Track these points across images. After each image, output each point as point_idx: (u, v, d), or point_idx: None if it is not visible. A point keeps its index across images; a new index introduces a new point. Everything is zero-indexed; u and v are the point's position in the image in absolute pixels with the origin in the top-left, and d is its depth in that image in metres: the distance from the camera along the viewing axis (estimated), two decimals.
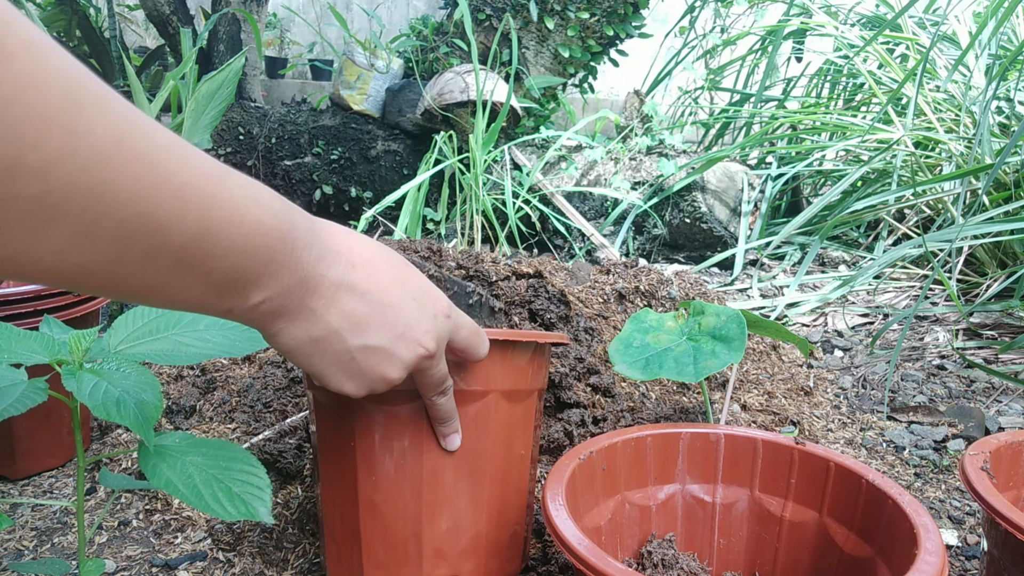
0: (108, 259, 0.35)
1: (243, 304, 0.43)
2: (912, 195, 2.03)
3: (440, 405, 0.59)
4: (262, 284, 0.43)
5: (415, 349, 0.52)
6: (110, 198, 0.33)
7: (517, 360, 0.66)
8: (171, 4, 2.71)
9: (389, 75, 2.68)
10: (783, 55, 3.05)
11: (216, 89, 1.70)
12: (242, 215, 0.39)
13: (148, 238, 0.35)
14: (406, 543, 0.63)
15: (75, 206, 0.32)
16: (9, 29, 0.29)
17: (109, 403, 0.49)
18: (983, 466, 0.66)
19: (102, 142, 0.32)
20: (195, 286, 0.39)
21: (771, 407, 1.19)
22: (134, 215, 0.34)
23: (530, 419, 0.70)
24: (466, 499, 0.64)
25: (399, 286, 0.51)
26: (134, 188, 0.34)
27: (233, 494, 0.51)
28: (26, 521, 0.86)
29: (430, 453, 0.62)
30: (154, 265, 0.37)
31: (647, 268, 1.44)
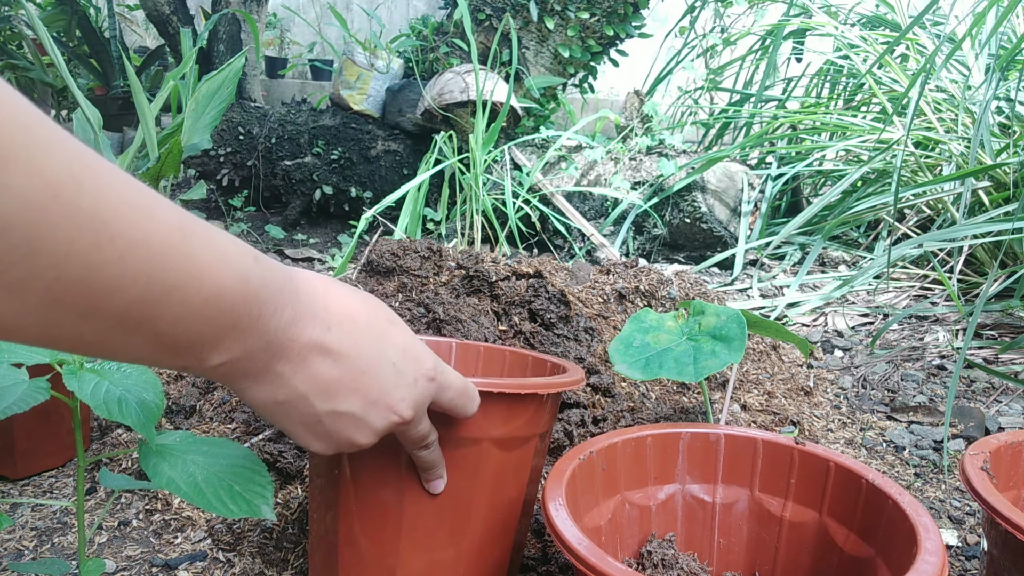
0: (39, 318, 0.32)
1: (199, 366, 0.40)
2: (912, 195, 2.03)
3: (423, 457, 0.58)
4: (222, 348, 0.40)
5: (388, 416, 0.49)
6: (39, 257, 0.30)
7: (512, 410, 0.63)
8: (171, 4, 2.71)
9: (389, 75, 2.68)
10: (783, 55, 3.05)
11: (216, 89, 1.70)
12: (202, 277, 0.36)
13: (86, 300, 0.33)
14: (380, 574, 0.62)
15: (13, 265, 0.30)
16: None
17: (111, 402, 0.49)
18: (983, 466, 0.66)
19: (33, 196, 0.29)
20: (142, 347, 0.37)
21: (771, 407, 1.19)
22: (68, 276, 0.31)
23: (526, 463, 0.67)
24: (446, 541, 0.63)
25: (378, 349, 0.48)
26: (68, 248, 0.31)
27: (235, 492, 0.51)
28: (26, 521, 0.86)
29: (413, 492, 0.61)
30: (92, 326, 0.34)
31: (647, 268, 1.44)
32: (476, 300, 1.17)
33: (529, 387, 0.62)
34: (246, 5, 2.72)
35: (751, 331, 0.89)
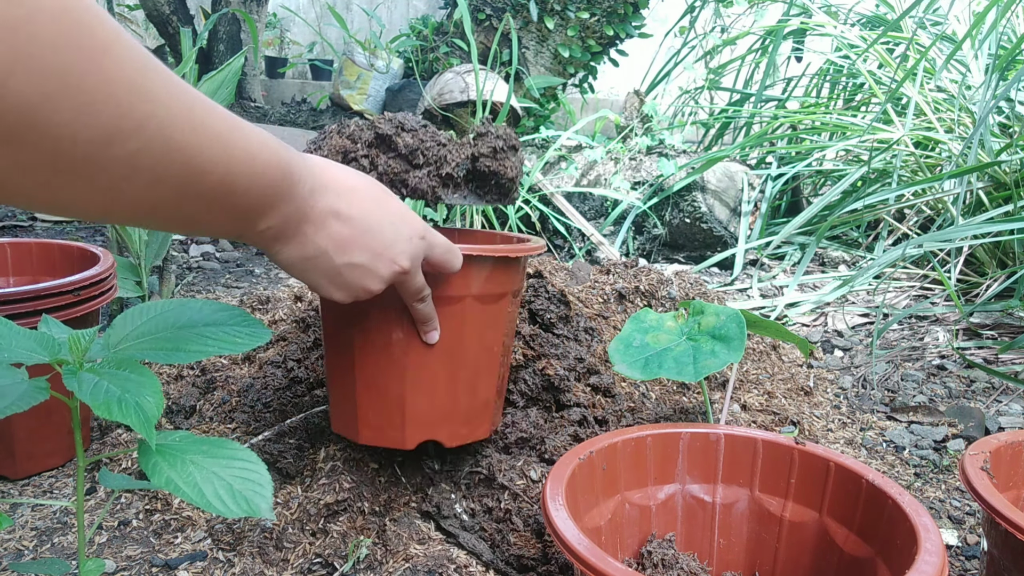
0: (168, 201, 0.42)
1: (252, 230, 0.51)
2: (912, 195, 2.03)
3: (419, 309, 0.71)
4: (268, 214, 0.51)
5: (391, 266, 0.62)
6: (177, 151, 0.40)
7: (487, 270, 0.77)
8: (171, 4, 2.71)
9: (389, 75, 2.68)
10: (783, 55, 3.04)
11: (216, 89, 1.70)
12: (254, 157, 0.46)
13: (196, 182, 0.43)
14: (392, 413, 0.79)
15: (154, 160, 0.39)
16: (102, 24, 0.35)
17: (111, 402, 0.49)
18: (983, 466, 0.66)
19: (175, 108, 0.40)
20: (221, 218, 0.47)
21: (771, 407, 1.19)
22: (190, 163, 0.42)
23: (501, 316, 0.82)
24: (443, 381, 0.79)
25: (379, 211, 0.60)
26: (195, 143, 0.41)
27: (234, 491, 0.51)
28: (26, 521, 0.86)
29: (414, 344, 0.76)
30: (196, 203, 0.44)
31: (647, 268, 1.44)
32: None
33: (502, 251, 0.77)
34: (246, 5, 2.72)
35: (751, 331, 0.89)
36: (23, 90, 0.32)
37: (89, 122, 0.35)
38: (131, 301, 1.62)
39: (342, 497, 0.83)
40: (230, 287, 1.91)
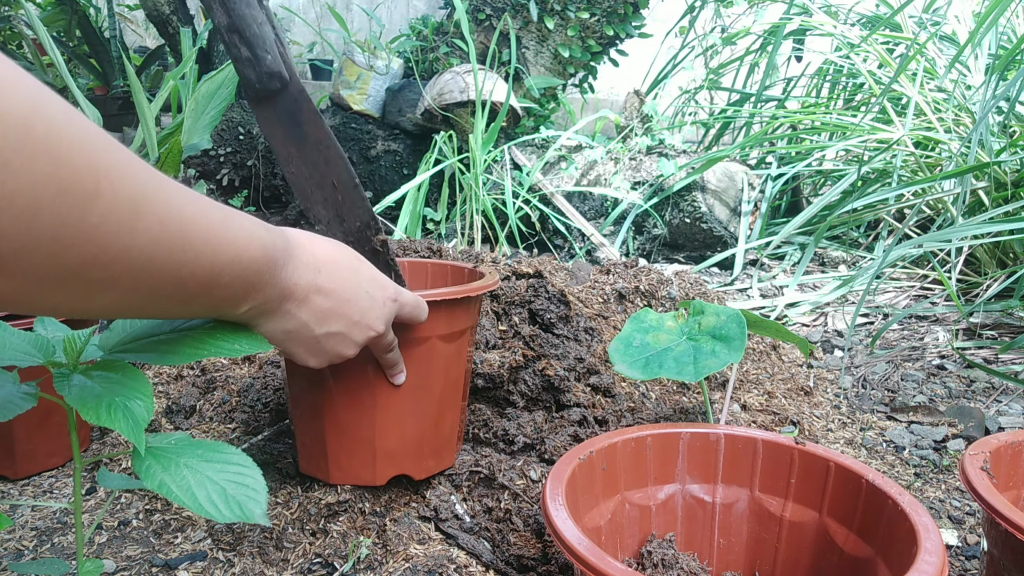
0: (139, 305, 0.44)
1: (233, 312, 0.54)
2: (912, 195, 2.03)
3: (388, 359, 0.76)
4: (250, 299, 0.53)
5: (366, 332, 0.66)
6: (158, 269, 0.42)
7: (450, 312, 0.81)
8: (171, 4, 2.71)
9: (389, 75, 2.68)
10: (783, 55, 3.04)
11: (216, 89, 1.70)
12: (239, 252, 0.48)
13: (172, 286, 0.44)
14: (363, 452, 0.81)
15: (123, 270, 0.40)
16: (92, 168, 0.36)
17: (100, 407, 0.49)
18: (983, 466, 0.66)
19: (164, 234, 0.42)
20: (200, 308, 0.50)
21: (771, 407, 1.19)
22: (163, 278, 0.43)
23: (463, 351, 0.86)
24: (411, 418, 0.82)
25: (355, 282, 0.64)
26: (181, 258, 0.43)
27: (228, 495, 0.51)
28: (26, 521, 0.86)
29: (382, 386, 0.79)
30: (173, 302, 0.46)
31: (647, 268, 1.44)
32: None
33: (463, 292, 0.81)
34: None
35: (751, 331, 0.88)
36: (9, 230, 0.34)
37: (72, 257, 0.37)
38: None
39: (343, 497, 0.83)
40: None
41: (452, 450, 0.89)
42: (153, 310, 0.46)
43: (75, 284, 0.39)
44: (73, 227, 0.36)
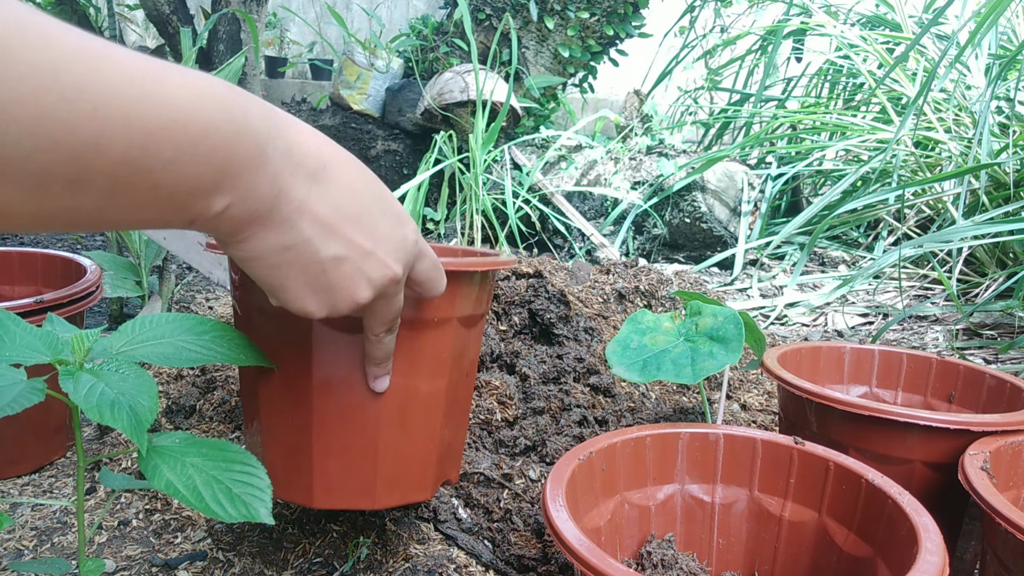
0: (30, 195, 0.31)
1: (205, 212, 0.38)
2: (912, 195, 2.03)
3: (384, 344, 0.56)
4: (224, 188, 0.38)
5: (383, 269, 0.47)
6: (10, 125, 0.28)
7: (480, 287, 0.67)
8: (171, 4, 2.71)
9: (389, 75, 2.68)
10: (783, 55, 3.04)
11: None
12: (186, 118, 0.34)
13: (71, 165, 0.31)
14: (360, 471, 0.64)
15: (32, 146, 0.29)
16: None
17: (104, 406, 0.49)
18: (983, 466, 0.66)
19: None
20: (143, 205, 0.35)
21: (771, 407, 1.19)
22: (46, 142, 0.30)
23: (480, 338, 0.73)
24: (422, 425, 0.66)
25: (372, 197, 0.47)
26: (37, 110, 0.29)
27: (233, 495, 0.51)
28: (26, 521, 0.86)
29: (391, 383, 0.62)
30: (86, 193, 0.32)
31: (647, 268, 1.44)
32: None
33: (492, 264, 0.66)
34: (246, 5, 2.72)
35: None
36: None
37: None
38: (131, 301, 1.62)
39: None
40: None
41: (459, 460, 0.77)
42: (64, 205, 0.32)
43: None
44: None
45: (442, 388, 0.66)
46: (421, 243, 0.51)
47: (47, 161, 0.30)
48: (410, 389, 0.63)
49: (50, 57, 0.29)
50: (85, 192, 0.32)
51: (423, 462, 0.67)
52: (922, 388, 0.97)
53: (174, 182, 0.35)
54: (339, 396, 0.61)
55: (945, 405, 0.94)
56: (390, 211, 0.48)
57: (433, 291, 0.55)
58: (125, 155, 0.32)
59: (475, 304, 0.67)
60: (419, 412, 0.65)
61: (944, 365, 0.95)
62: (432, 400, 0.66)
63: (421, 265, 0.52)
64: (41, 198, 0.31)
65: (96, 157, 0.31)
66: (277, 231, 0.42)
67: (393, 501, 0.66)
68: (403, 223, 0.49)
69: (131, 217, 0.36)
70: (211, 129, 0.36)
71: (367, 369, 0.59)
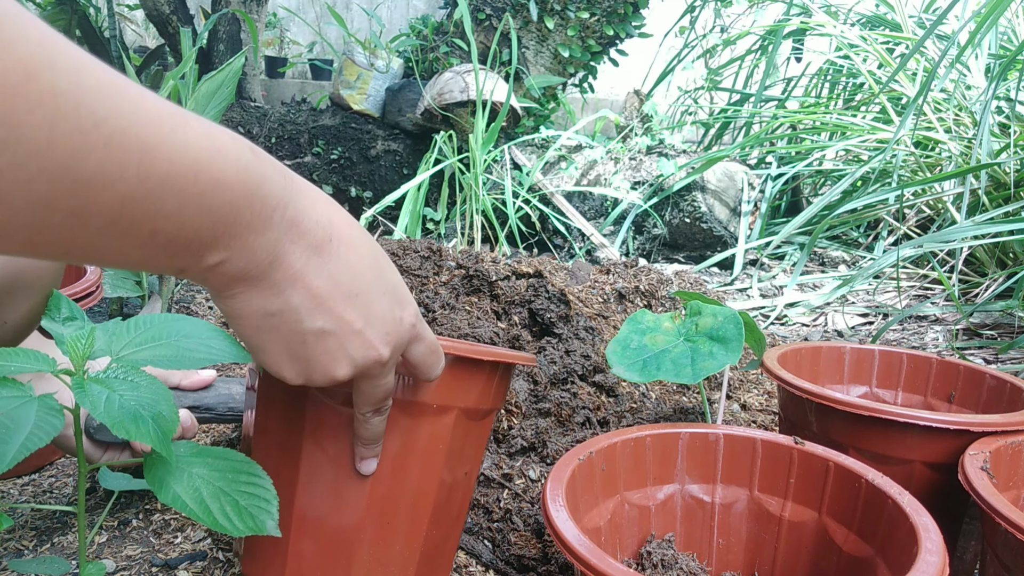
0: (28, 218, 0.30)
1: (197, 264, 0.38)
2: (912, 195, 2.03)
3: (373, 425, 0.54)
4: (221, 245, 0.38)
5: (367, 351, 0.47)
6: (20, 144, 0.28)
7: (488, 377, 0.62)
8: (171, 4, 2.71)
9: (389, 75, 2.68)
10: (783, 55, 3.04)
11: (216, 89, 1.70)
12: (198, 169, 0.35)
13: (74, 195, 0.30)
14: (337, 562, 0.59)
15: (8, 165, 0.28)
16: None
17: (126, 419, 0.46)
18: (983, 466, 0.66)
19: (6, 75, 0.27)
20: (136, 248, 0.35)
21: (771, 407, 1.19)
22: (53, 167, 0.29)
23: (485, 439, 0.67)
24: (408, 522, 0.61)
25: (374, 275, 0.46)
26: (49, 135, 0.29)
27: (241, 508, 0.50)
28: (26, 521, 0.86)
29: (380, 469, 0.58)
30: (84, 226, 0.32)
31: (647, 268, 1.44)
32: (476, 300, 1.17)
33: (492, 354, 0.60)
34: (246, 5, 2.71)
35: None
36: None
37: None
38: (131, 301, 1.62)
39: None
40: None
41: (449, 566, 0.69)
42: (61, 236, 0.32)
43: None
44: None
45: (434, 483, 0.61)
46: (419, 326, 0.51)
47: (51, 187, 0.30)
48: (399, 478, 0.59)
49: (75, 87, 0.30)
50: (84, 226, 0.32)
51: (402, 562, 0.61)
52: (922, 388, 0.97)
53: (175, 230, 0.35)
54: (325, 471, 0.58)
55: (945, 405, 0.94)
56: (390, 292, 0.48)
57: (427, 375, 0.54)
58: (131, 195, 0.32)
59: (480, 397, 0.62)
60: (405, 505, 0.60)
61: (944, 365, 0.95)
62: (422, 493, 0.60)
63: (416, 348, 0.52)
64: (39, 225, 0.31)
65: (101, 192, 0.31)
66: (266, 295, 0.42)
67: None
68: (403, 306, 0.49)
69: (125, 258, 0.36)
70: (221, 185, 0.36)
71: (355, 448, 0.57)
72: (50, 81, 0.29)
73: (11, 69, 0.28)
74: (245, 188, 0.37)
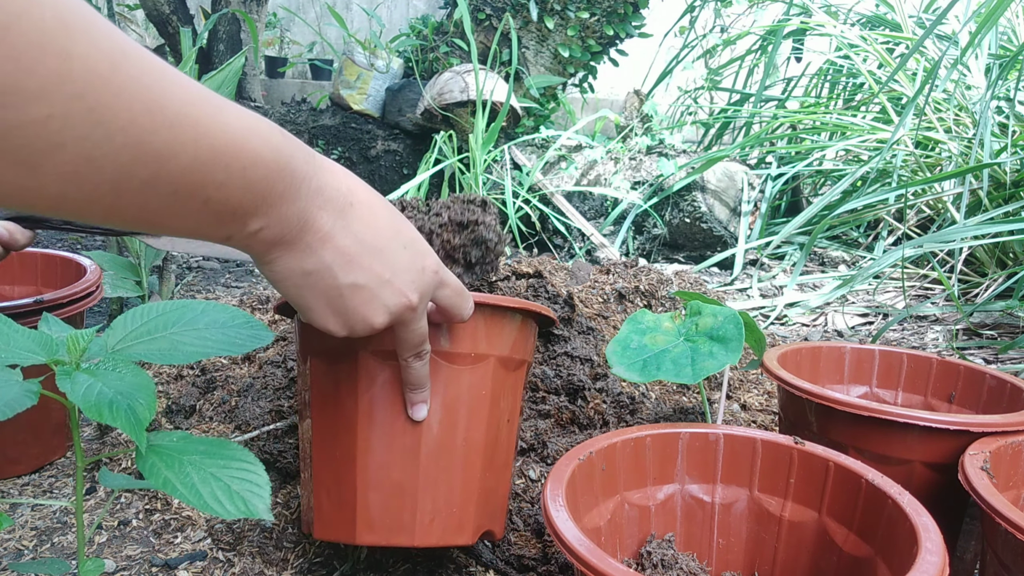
0: (109, 187, 0.35)
1: (241, 231, 0.44)
2: (912, 195, 2.03)
3: (416, 369, 0.60)
4: (260, 213, 0.43)
5: (398, 298, 0.53)
6: (107, 124, 0.33)
7: (522, 327, 0.68)
8: (171, 4, 2.71)
9: (389, 75, 2.68)
10: (783, 55, 3.04)
11: (216, 89, 1.70)
12: (239, 147, 0.40)
13: (146, 165, 0.36)
14: (402, 507, 0.63)
15: (74, 133, 0.33)
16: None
17: (102, 405, 0.49)
18: (983, 466, 0.66)
19: (97, 67, 0.32)
20: (193, 214, 0.40)
21: (771, 407, 1.19)
22: (131, 142, 0.35)
23: (520, 385, 0.72)
24: (461, 467, 0.66)
25: (393, 232, 0.52)
26: (130, 115, 0.34)
27: (232, 492, 0.51)
28: (26, 521, 0.86)
29: (429, 416, 0.63)
30: (153, 193, 0.37)
31: (647, 268, 1.44)
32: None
33: (537, 306, 0.67)
34: (246, 5, 2.71)
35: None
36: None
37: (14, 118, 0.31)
38: (131, 301, 1.62)
39: None
40: (230, 287, 1.91)
41: (503, 516, 0.74)
42: (134, 202, 0.37)
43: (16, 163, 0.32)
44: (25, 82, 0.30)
45: (482, 428, 0.66)
46: (442, 272, 0.57)
47: (131, 157, 0.35)
48: (448, 423, 0.64)
49: (146, 75, 0.35)
50: (154, 192, 0.37)
51: (462, 503, 0.66)
52: (922, 388, 0.97)
53: (223, 199, 0.41)
54: (381, 425, 0.63)
55: (945, 405, 0.94)
56: (410, 245, 0.54)
57: (459, 315, 0.60)
58: (189, 167, 0.38)
59: (513, 346, 0.67)
60: (458, 448, 0.65)
61: (944, 365, 0.95)
62: (471, 438, 0.66)
63: (442, 292, 0.57)
64: (120, 190, 0.36)
65: (167, 163, 0.37)
66: (301, 256, 0.48)
67: (432, 540, 0.65)
68: (424, 256, 0.55)
69: (183, 224, 0.41)
70: (258, 161, 0.41)
71: (405, 396, 0.63)
72: (128, 70, 0.34)
73: (100, 60, 0.33)
74: (277, 163, 0.43)
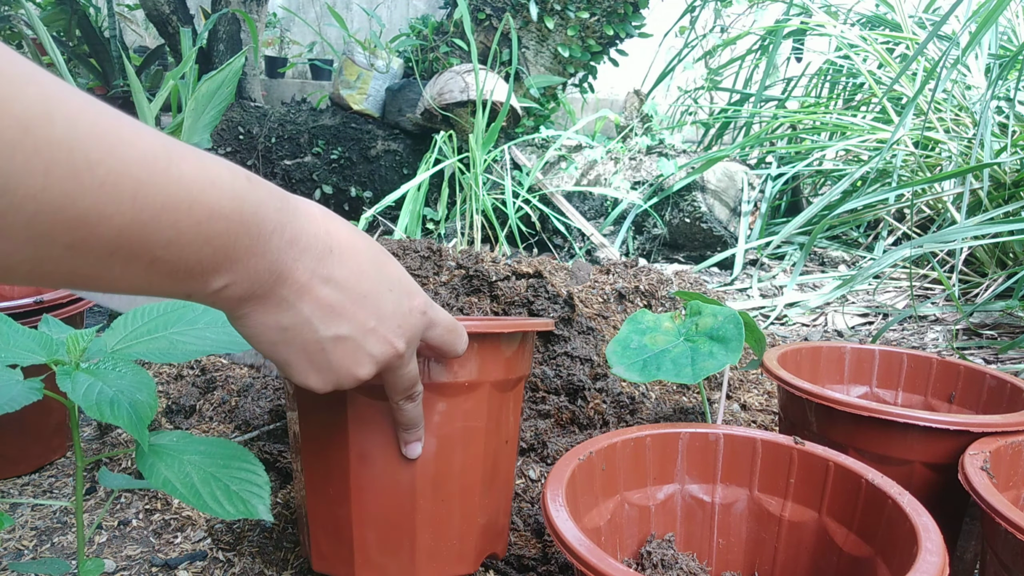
0: (28, 253, 0.33)
1: (203, 289, 0.40)
2: (912, 195, 2.03)
3: (408, 411, 0.58)
4: (223, 270, 0.40)
5: (384, 347, 0.49)
6: (16, 191, 0.31)
7: (511, 350, 0.66)
8: (171, 4, 2.71)
9: (389, 75, 2.68)
10: (783, 55, 3.04)
11: (216, 89, 1.70)
12: (192, 200, 0.36)
13: (70, 232, 0.33)
14: (401, 544, 0.63)
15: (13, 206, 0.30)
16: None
17: (103, 403, 0.49)
18: (983, 466, 0.66)
19: (3, 133, 0.30)
20: (140, 276, 0.37)
21: (771, 407, 1.19)
22: (47, 209, 0.32)
23: (519, 402, 0.71)
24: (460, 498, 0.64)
25: (377, 274, 0.49)
26: (44, 181, 0.31)
27: (231, 492, 0.51)
28: (26, 521, 0.86)
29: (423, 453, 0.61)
30: (83, 259, 0.34)
31: (647, 268, 1.44)
32: (475, 300, 1.17)
33: (523, 326, 0.65)
34: (246, 5, 2.72)
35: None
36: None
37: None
38: None
39: None
40: None
41: (506, 533, 0.74)
42: (62, 267, 0.34)
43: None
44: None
45: (479, 455, 0.65)
46: (431, 312, 0.54)
47: (48, 225, 0.32)
48: (444, 456, 0.62)
49: (70, 135, 0.32)
50: (83, 257, 0.34)
51: (462, 533, 0.65)
52: (922, 388, 0.97)
53: (175, 258, 0.37)
54: (374, 465, 0.61)
55: (945, 405, 0.94)
56: (397, 287, 0.50)
57: (452, 352, 0.57)
58: (127, 228, 0.34)
59: (507, 368, 0.65)
60: (455, 480, 0.63)
61: (944, 365, 0.95)
62: (469, 467, 0.64)
63: (432, 332, 0.55)
64: (41, 258, 0.33)
65: (96, 227, 0.33)
66: (276, 311, 0.44)
67: (432, 574, 0.64)
68: (411, 296, 0.51)
69: (129, 284, 0.38)
70: (216, 214, 0.38)
71: (398, 435, 0.60)
72: (46, 133, 0.31)
73: (8, 126, 0.30)
74: (241, 215, 0.39)
